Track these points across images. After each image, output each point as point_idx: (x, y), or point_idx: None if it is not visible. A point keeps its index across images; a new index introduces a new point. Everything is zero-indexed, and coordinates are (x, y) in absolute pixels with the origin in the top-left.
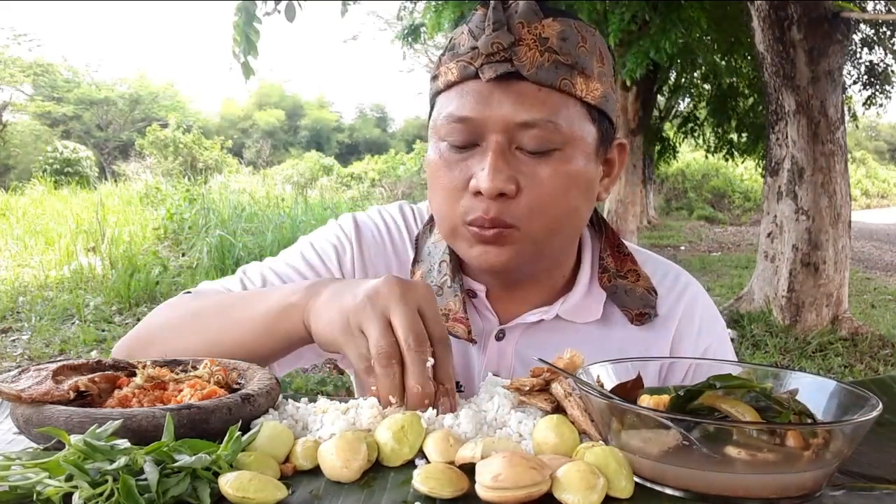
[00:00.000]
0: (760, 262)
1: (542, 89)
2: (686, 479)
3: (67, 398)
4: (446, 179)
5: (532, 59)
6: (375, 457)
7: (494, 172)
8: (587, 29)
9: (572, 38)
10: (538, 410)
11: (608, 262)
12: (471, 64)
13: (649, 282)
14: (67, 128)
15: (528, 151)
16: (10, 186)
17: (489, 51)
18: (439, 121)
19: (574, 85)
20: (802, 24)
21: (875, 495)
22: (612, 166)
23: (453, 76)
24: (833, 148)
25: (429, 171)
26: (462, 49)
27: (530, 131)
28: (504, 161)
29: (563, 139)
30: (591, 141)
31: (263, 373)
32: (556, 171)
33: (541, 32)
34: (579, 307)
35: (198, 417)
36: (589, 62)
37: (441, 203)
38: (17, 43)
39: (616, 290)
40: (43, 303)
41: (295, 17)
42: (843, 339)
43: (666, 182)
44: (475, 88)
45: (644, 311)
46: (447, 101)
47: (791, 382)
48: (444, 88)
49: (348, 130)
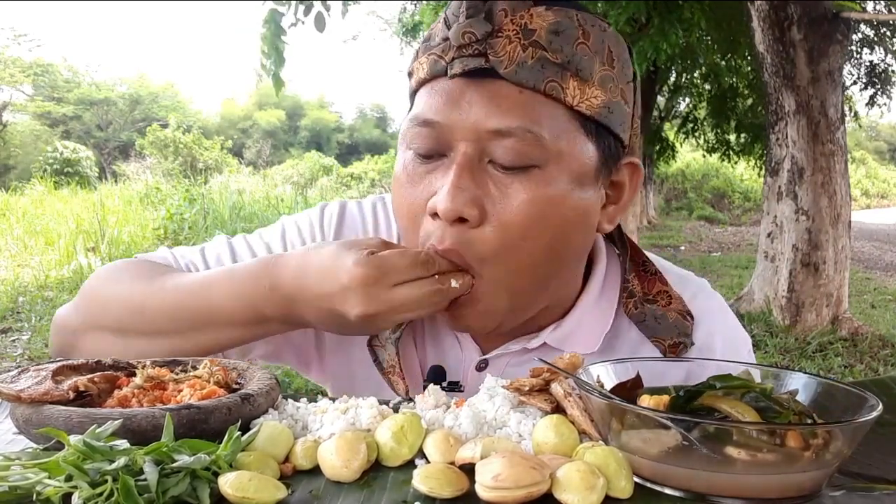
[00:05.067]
0: (760, 263)
1: (522, 91)
2: (686, 479)
3: (67, 398)
4: (408, 197)
5: (511, 53)
6: (375, 457)
7: (455, 191)
8: (594, 22)
9: (568, 33)
10: (538, 410)
11: (634, 284)
12: (441, 58)
13: (682, 303)
14: (67, 128)
15: (501, 166)
16: (10, 186)
17: (460, 42)
18: (405, 125)
19: (564, 89)
20: (802, 24)
21: (875, 495)
22: (621, 191)
23: (423, 72)
24: (833, 148)
25: (393, 186)
26: (435, 41)
27: (504, 142)
28: (469, 177)
29: (544, 155)
30: (586, 160)
31: (263, 373)
32: (533, 194)
33: (526, 23)
34: (573, 335)
35: (197, 417)
36: (588, 63)
37: (403, 228)
38: (17, 43)
39: (645, 318)
40: (43, 303)
41: (325, 27)
42: (843, 339)
43: (666, 182)
44: (444, 87)
45: (679, 339)
46: (418, 103)
47: (791, 382)
48: (416, 87)
49: (348, 130)
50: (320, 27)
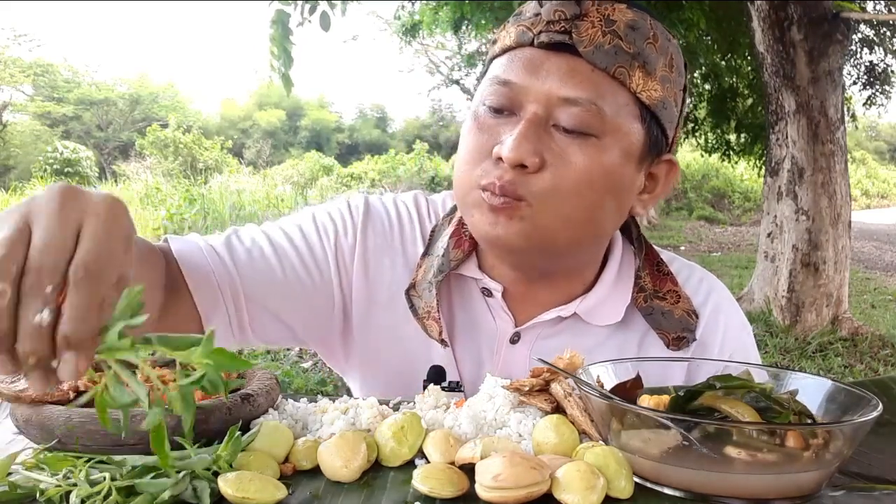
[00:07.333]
0: (760, 263)
1: (595, 70)
2: (686, 479)
3: (67, 398)
4: (474, 141)
5: (592, 36)
6: (375, 457)
7: (522, 139)
8: (663, 30)
9: (642, 31)
10: (538, 410)
11: (646, 281)
12: (529, 30)
13: (690, 304)
14: (67, 128)
15: (563, 129)
16: (10, 187)
17: (550, 18)
18: (484, 83)
19: (631, 76)
20: (802, 24)
21: (875, 495)
22: (657, 183)
23: (510, 40)
24: (833, 148)
25: (461, 136)
26: (526, 15)
27: (571, 109)
28: (535, 133)
29: (603, 127)
30: (634, 141)
31: (263, 373)
32: (589, 157)
33: (609, 14)
34: (600, 306)
35: (197, 417)
36: (654, 60)
37: (461, 164)
38: (17, 43)
39: (652, 312)
40: None
41: (330, 25)
42: (843, 339)
43: None
44: (527, 55)
45: (682, 334)
46: (497, 65)
47: (791, 382)
48: (499, 53)
49: (348, 131)
50: (325, 26)
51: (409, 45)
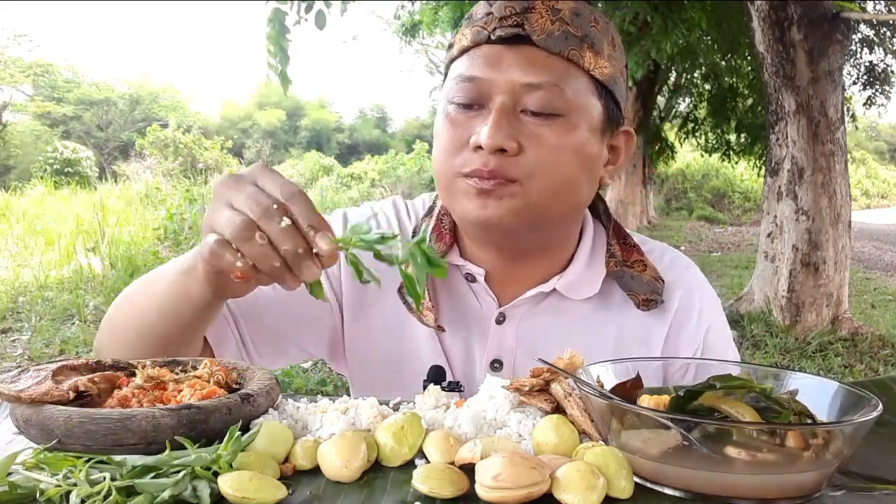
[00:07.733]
0: (760, 263)
1: (550, 55)
2: (686, 479)
3: (67, 398)
4: (449, 135)
5: (543, 26)
6: (375, 457)
7: (496, 127)
8: (602, 17)
9: (585, 16)
10: (538, 410)
11: (616, 250)
12: (484, 28)
13: (656, 272)
14: (67, 128)
15: (532, 112)
16: (10, 187)
17: (502, 14)
18: (448, 84)
19: (582, 57)
20: (802, 24)
21: (875, 496)
22: (618, 154)
23: (467, 41)
24: (833, 148)
25: (434, 135)
26: (478, 15)
27: (535, 93)
28: (507, 120)
29: (567, 106)
30: (596, 115)
31: (263, 373)
32: (560, 135)
33: (554, 4)
34: (577, 282)
35: (197, 417)
36: (599, 41)
37: (440, 156)
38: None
39: (623, 276)
40: (43, 303)
41: (325, 24)
42: (843, 339)
43: (666, 182)
44: (486, 52)
45: (651, 297)
46: (459, 65)
47: (791, 383)
48: (458, 54)
49: (348, 131)
50: (321, 24)
51: (409, 45)
